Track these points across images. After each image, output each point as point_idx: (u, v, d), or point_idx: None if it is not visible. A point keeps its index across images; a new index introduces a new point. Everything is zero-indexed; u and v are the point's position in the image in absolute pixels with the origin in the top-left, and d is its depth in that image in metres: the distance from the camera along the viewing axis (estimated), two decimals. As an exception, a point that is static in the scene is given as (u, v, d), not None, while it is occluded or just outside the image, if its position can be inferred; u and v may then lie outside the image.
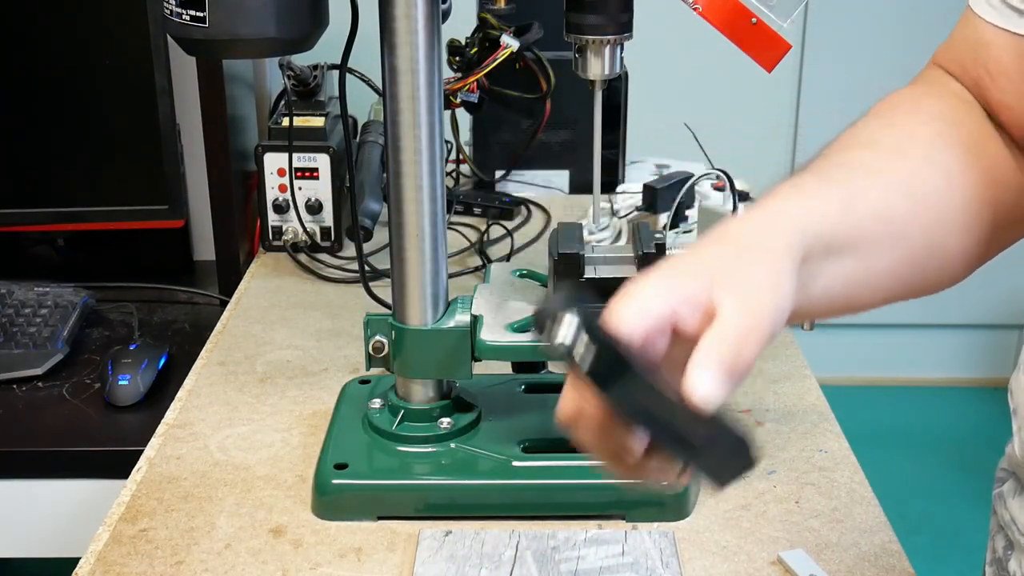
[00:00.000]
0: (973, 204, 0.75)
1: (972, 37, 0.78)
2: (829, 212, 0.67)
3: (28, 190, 1.49)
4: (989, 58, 0.77)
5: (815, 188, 0.69)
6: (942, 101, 0.79)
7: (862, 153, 0.74)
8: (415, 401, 1.03)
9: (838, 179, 0.70)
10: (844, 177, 0.71)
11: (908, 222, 0.72)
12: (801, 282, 0.64)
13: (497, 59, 1.60)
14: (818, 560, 0.92)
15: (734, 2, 0.99)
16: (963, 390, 3.17)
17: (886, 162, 0.73)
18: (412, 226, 0.97)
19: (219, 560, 0.93)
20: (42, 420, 1.24)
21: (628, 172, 1.77)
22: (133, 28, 1.40)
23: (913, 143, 0.75)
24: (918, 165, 0.74)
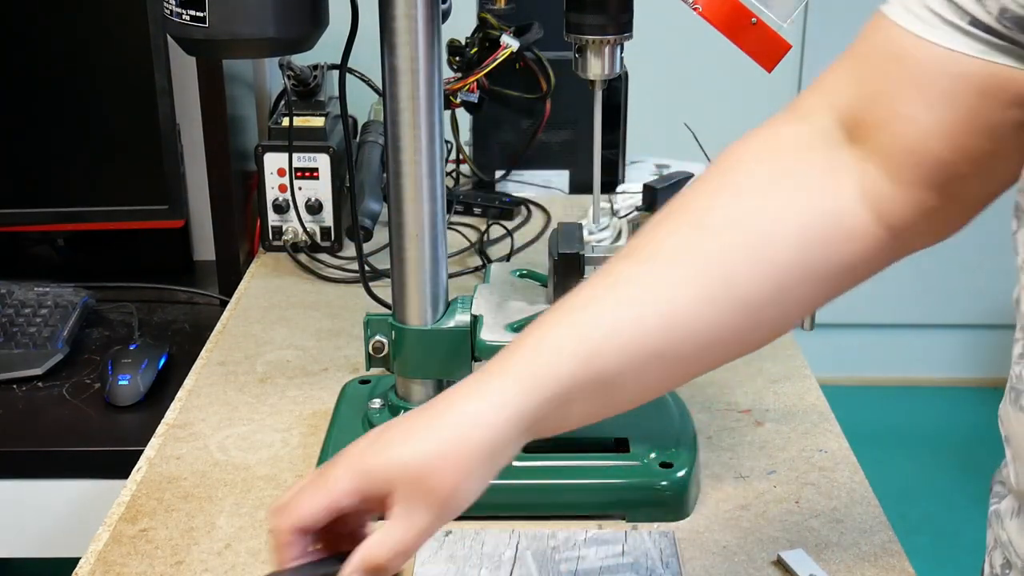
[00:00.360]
0: (789, 276, 0.71)
1: (885, 48, 0.71)
2: (572, 369, 0.67)
3: (28, 190, 1.49)
4: (902, 69, 0.70)
5: (562, 337, 0.68)
6: (779, 156, 0.74)
7: (645, 267, 0.71)
8: (415, 401, 1.03)
9: (598, 317, 0.69)
10: (607, 311, 0.69)
11: (684, 339, 0.70)
12: (548, 426, 0.68)
13: (497, 59, 1.60)
14: (818, 560, 0.92)
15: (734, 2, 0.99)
16: (963, 390, 3.17)
17: (670, 280, 0.70)
18: (412, 226, 0.97)
19: (219, 560, 0.93)
20: (42, 420, 1.24)
21: (628, 172, 1.77)
22: (133, 28, 1.40)
23: (719, 244, 0.71)
24: (719, 273, 0.70)
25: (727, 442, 1.10)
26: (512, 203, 1.68)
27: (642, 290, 0.70)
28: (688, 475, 0.98)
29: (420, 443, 0.66)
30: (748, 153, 0.76)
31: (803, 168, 0.73)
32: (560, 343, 0.68)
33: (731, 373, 1.23)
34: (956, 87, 0.68)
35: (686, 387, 1.20)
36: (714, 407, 1.16)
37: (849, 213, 0.72)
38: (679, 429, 1.04)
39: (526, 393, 0.67)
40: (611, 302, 0.69)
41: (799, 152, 0.74)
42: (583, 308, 0.69)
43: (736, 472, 1.05)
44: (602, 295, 0.70)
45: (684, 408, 1.08)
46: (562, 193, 1.77)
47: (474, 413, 0.67)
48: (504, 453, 0.68)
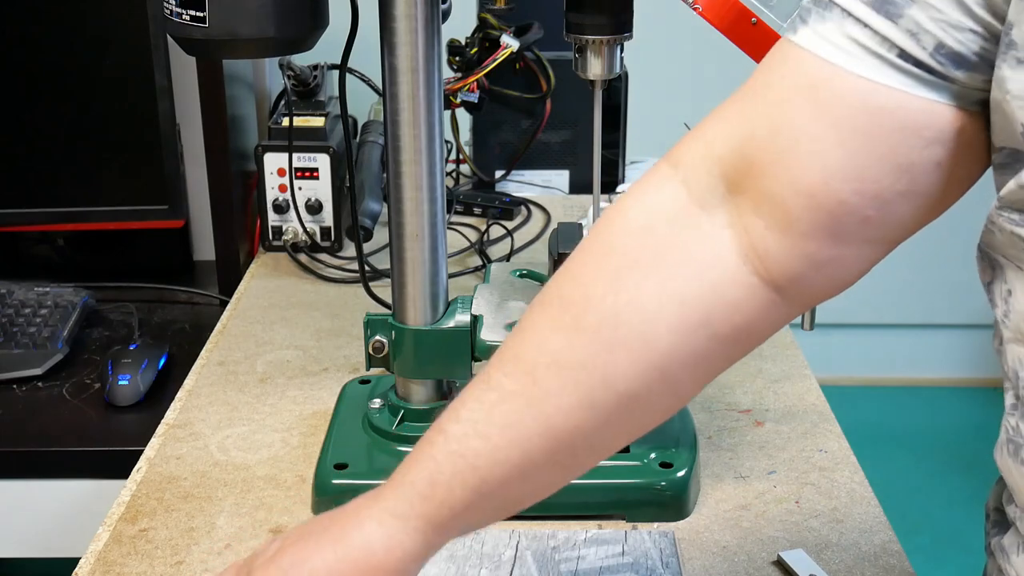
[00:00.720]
0: (661, 372, 0.69)
1: (791, 79, 0.65)
2: (465, 500, 0.69)
3: (28, 190, 1.49)
4: (811, 102, 0.64)
5: (452, 472, 0.69)
6: (645, 235, 0.70)
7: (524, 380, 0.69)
8: (415, 401, 1.03)
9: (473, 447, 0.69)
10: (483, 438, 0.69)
11: (574, 443, 0.70)
12: (443, 540, 0.71)
13: (497, 59, 1.60)
14: (818, 560, 0.92)
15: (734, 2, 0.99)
16: (963, 390, 3.17)
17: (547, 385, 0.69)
18: (412, 226, 0.97)
19: (219, 560, 0.93)
20: (42, 420, 1.24)
21: (628, 172, 1.77)
22: (133, 28, 1.40)
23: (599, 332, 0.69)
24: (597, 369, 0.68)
25: (727, 442, 1.10)
26: (512, 203, 1.68)
27: (525, 406, 0.69)
28: (688, 475, 0.98)
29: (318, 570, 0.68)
30: (623, 229, 0.71)
31: (679, 242, 0.69)
32: (450, 480, 0.68)
33: (731, 373, 1.23)
34: (875, 121, 0.63)
35: (686, 387, 1.20)
36: (714, 407, 1.16)
37: (731, 282, 0.68)
38: (679, 429, 1.04)
39: (419, 536, 0.69)
40: (496, 426, 0.69)
41: (674, 224, 0.69)
42: (465, 437, 0.69)
43: (736, 472, 1.05)
44: (485, 418, 0.69)
45: (684, 408, 1.08)
46: (562, 193, 1.77)
47: (369, 557, 0.68)
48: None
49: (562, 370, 0.69)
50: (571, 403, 0.68)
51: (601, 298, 0.69)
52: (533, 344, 0.70)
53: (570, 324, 0.69)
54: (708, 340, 0.69)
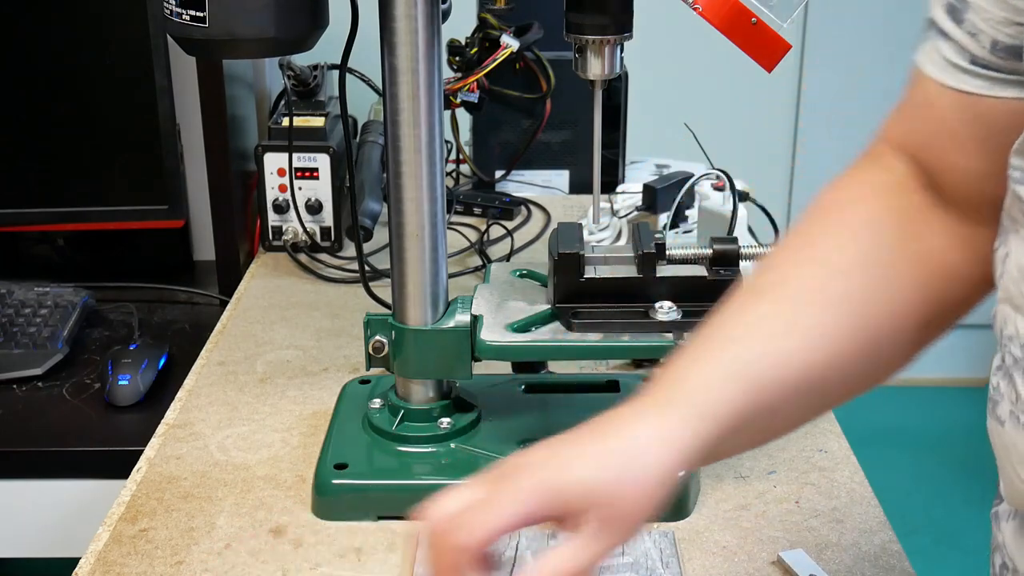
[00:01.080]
0: (906, 314, 0.73)
1: (920, 97, 0.74)
2: (737, 406, 0.68)
3: (28, 190, 1.49)
4: (933, 117, 0.73)
5: (725, 373, 0.69)
6: (876, 198, 0.76)
7: (786, 306, 0.72)
8: (415, 401, 1.03)
9: (750, 347, 0.70)
10: (759, 341, 0.71)
11: (826, 375, 0.72)
12: (709, 459, 0.70)
13: (497, 59, 1.60)
14: (818, 560, 0.92)
15: (734, 2, 0.99)
16: (963, 390, 3.16)
17: (812, 305, 0.72)
18: (412, 226, 0.97)
19: (219, 560, 0.93)
20: (42, 420, 1.24)
21: (628, 172, 1.77)
22: (133, 28, 1.40)
23: (841, 265, 0.73)
24: (843, 297, 0.72)
25: (727, 442, 1.10)
26: (512, 203, 1.68)
27: (785, 327, 0.71)
28: (688, 475, 0.98)
29: (611, 469, 0.66)
30: (847, 196, 0.77)
31: (901, 209, 0.75)
32: (724, 380, 0.69)
33: (731, 373, 1.23)
34: (979, 130, 0.69)
35: (686, 387, 1.20)
36: (714, 407, 1.16)
37: (947, 251, 0.74)
38: (679, 429, 1.04)
39: (694, 432, 0.68)
40: (760, 338, 0.70)
41: (891, 196, 0.75)
42: (736, 342, 0.70)
43: (736, 472, 1.05)
44: (749, 332, 0.71)
45: (684, 408, 1.08)
46: (562, 193, 1.77)
47: (649, 445, 0.67)
48: (671, 485, 0.68)
49: (817, 301, 0.72)
50: (829, 332, 0.71)
51: (844, 246, 0.74)
52: (783, 280, 0.73)
53: (819, 262, 0.73)
54: (933, 303, 0.74)
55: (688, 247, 0.98)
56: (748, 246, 0.99)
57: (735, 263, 0.97)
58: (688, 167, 1.61)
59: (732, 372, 0.69)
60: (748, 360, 0.69)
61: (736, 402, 0.68)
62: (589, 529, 0.65)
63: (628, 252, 1.00)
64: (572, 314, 0.96)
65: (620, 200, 1.54)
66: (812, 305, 0.72)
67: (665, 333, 0.95)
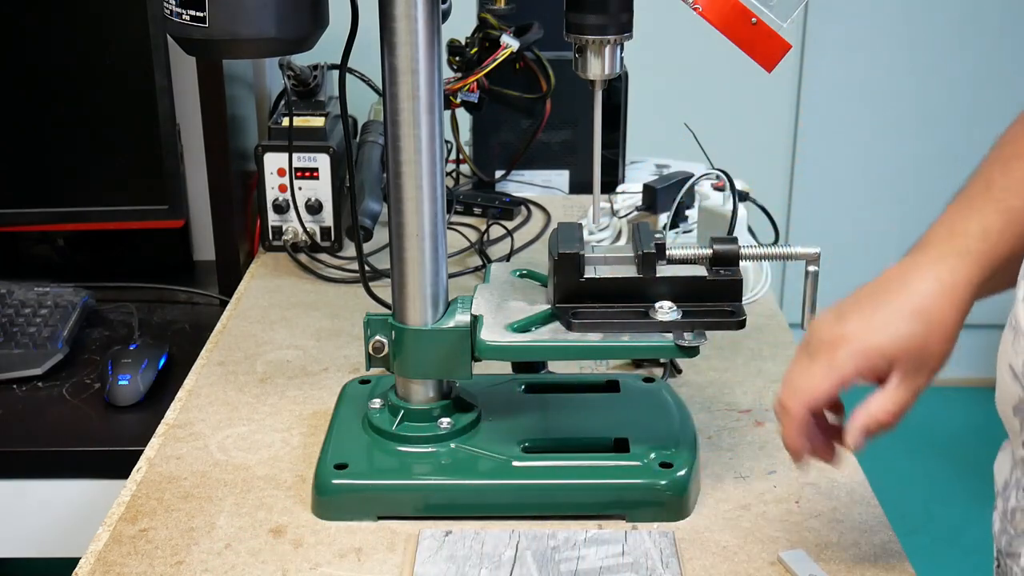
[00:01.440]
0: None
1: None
2: (1008, 252, 0.81)
3: (28, 190, 1.49)
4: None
5: (997, 223, 0.81)
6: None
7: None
8: (415, 401, 1.03)
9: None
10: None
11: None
12: (979, 296, 0.83)
13: (497, 59, 1.60)
14: (818, 560, 0.92)
15: (734, 2, 0.99)
16: (963, 390, 3.16)
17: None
18: (412, 226, 0.97)
19: (219, 560, 0.93)
20: (42, 420, 1.24)
21: (628, 172, 1.77)
22: (133, 28, 1.40)
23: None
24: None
25: (727, 442, 1.10)
26: (512, 203, 1.68)
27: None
28: (688, 475, 0.98)
29: (916, 319, 0.80)
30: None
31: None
32: (1000, 231, 0.80)
33: (731, 373, 1.23)
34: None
35: (686, 387, 1.20)
36: (714, 407, 1.16)
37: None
38: (679, 429, 1.04)
39: (980, 270, 0.81)
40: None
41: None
42: (1006, 200, 0.81)
43: (736, 472, 1.05)
44: (1018, 187, 0.81)
45: (684, 408, 1.08)
46: (562, 193, 1.77)
47: (941, 298, 0.80)
48: (966, 314, 0.82)
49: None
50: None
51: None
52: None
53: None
54: None
55: (688, 247, 0.98)
56: (748, 246, 0.99)
57: (735, 263, 0.97)
58: (688, 167, 1.61)
59: (1007, 221, 0.80)
60: (1014, 215, 0.80)
61: (1011, 250, 0.80)
62: (896, 380, 0.81)
63: (628, 252, 1.00)
64: (572, 314, 0.96)
65: (620, 200, 1.54)
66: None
67: (665, 333, 0.95)
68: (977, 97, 2.85)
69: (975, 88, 2.86)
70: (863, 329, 0.81)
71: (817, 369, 0.82)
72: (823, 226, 2.89)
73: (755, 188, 1.54)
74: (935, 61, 2.84)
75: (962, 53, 2.84)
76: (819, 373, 0.81)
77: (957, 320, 0.81)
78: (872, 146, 2.92)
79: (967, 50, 2.84)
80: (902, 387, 0.81)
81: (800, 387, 0.82)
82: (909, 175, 2.92)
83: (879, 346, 0.80)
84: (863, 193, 2.93)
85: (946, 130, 2.87)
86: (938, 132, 2.88)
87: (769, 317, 1.36)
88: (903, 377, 0.81)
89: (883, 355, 0.80)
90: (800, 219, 2.96)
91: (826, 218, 2.93)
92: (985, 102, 2.83)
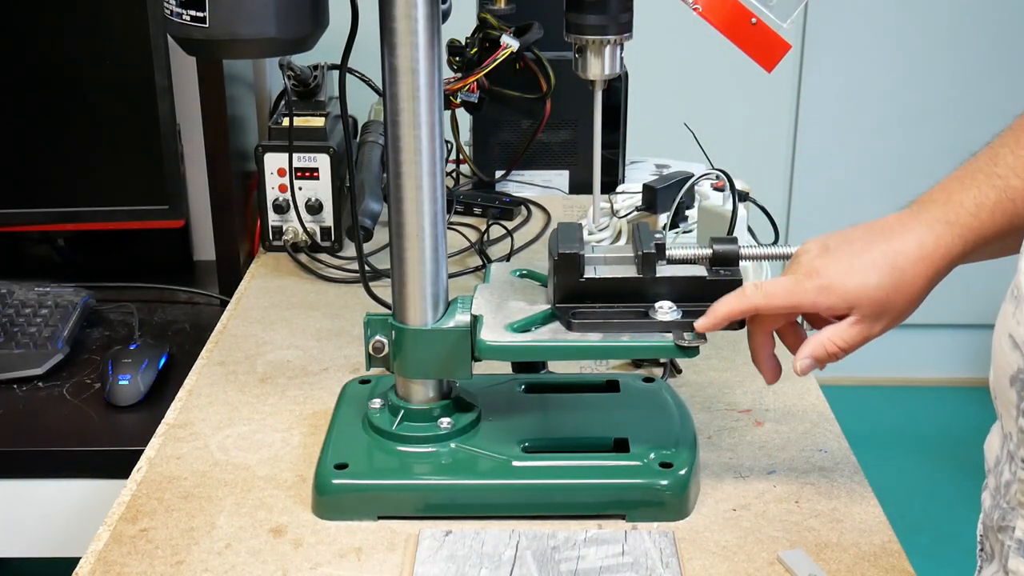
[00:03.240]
0: None
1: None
2: (996, 227, 0.83)
3: (28, 190, 1.49)
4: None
5: (988, 199, 0.84)
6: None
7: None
8: (415, 401, 1.03)
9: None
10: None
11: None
12: (966, 261, 0.87)
13: (497, 59, 1.60)
14: (818, 560, 0.92)
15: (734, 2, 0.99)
16: (963, 390, 3.16)
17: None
18: (412, 226, 0.97)
19: (219, 560, 0.93)
20: (42, 420, 1.24)
21: (628, 172, 1.77)
22: (133, 28, 1.40)
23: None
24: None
25: (727, 442, 1.10)
26: (512, 203, 1.68)
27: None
28: (688, 475, 0.98)
29: (886, 274, 0.85)
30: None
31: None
32: (992, 209, 0.83)
33: (731, 373, 1.23)
34: None
35: (686, 387, 1.20)
36: (714, 407, 1.16)
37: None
38: (679, 429, 1.04)
39: (962, 243, 0.84)
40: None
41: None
42: (1007, 177, 0.83)
43: (736, 472, 1.05)
44: (1014, 175, 0.83)
45: (684, 408, 1.08)
46: (562, 193, 1.77)
47: (918, 260, 0.85)
48: (937, 282, 0.86)
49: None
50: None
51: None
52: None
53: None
54: None
55: (688, 247, 0.98)
56: (748, 246, 0.99)
57: (735, 263, 0.97)
58: (688, 167, 1.61)
59: (1003, 200, 0.82)
60: (1009, 191, 0.82)
61: (1001, 228, 0.83)
62: (852, 319, 0.87)
63: (628, 252, 1.00)
64: (572, 314, 0.96)
65: (620, 200, 1.54)
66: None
67: (665, 333, 0.95)
68: (976, 97, 2.85)
69: (974, 88, 2.86)
70: (836, 270, 0.87)
71: (785, 286, 0.89)
72: (823, 226, 2.89)
73: (755, 188, 1.54)
74: (934, 61, 2.84)
75: (961, 53, 2.84)
76: (784, 290, 0.89)
77: (926, 285, 0.86)
78: (872, 146, 2.92)
79: (966, 50, 2.84)
80: (856, 328, 0.88)
81: (767, 291, 0.90)
82: (909, 175, 2.92)
83: (844, 289, 0.86)
84: (863, 193, 2.93)
85: (945, 130, 2.87)
86: (937, 132, 2.88)
87: (769, 317, 1.36)
88: (859, 320, 0.88)
89: (844, 298, 0.87)
90: (800, 219, 2.96)
91: (826, 218, 2.93)
92: (984, 102, 2.83)
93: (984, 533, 0.78)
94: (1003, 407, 0.76)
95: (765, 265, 1.40)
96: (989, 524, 0.77)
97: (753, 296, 0.90)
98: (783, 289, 0.89)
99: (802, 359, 0.91)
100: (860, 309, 0.87)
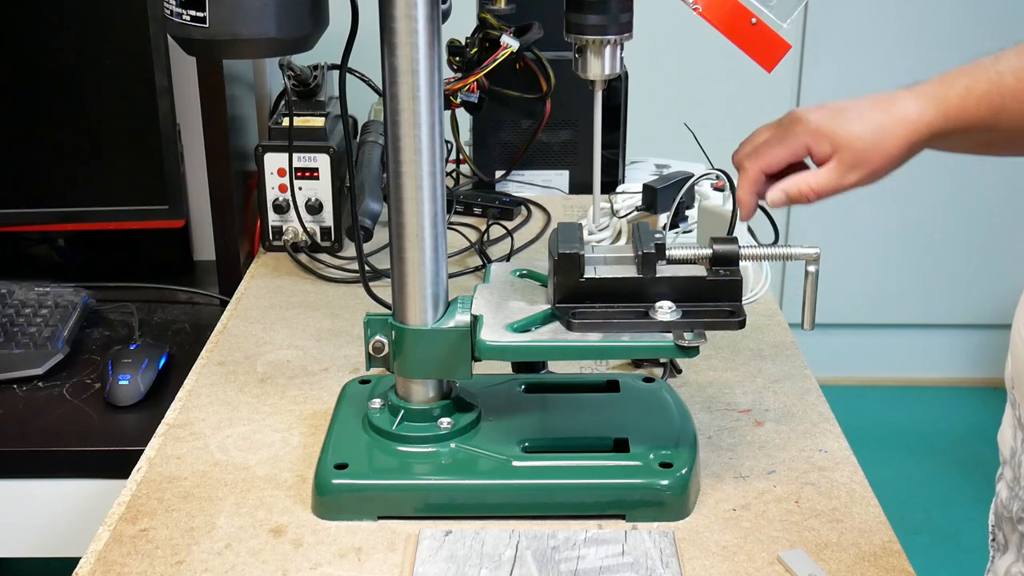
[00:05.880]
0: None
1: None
2: (981, 116, 0.88)
3: (28, 190, 1.49)
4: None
5: (981, 89, 0.88)
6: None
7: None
8: (415, 401, 1.03)
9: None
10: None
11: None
12: (945, 145, 0.93)
13: (497, 59, 1.60)
14: (818, 560, 0.92)
15: (734, 2, 0.99)
16: (963, 390, 3.16)
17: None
18: (412, 226, 0.97)
19: (219, 560, 0.93)
20: (42, 420, 1.24)
21: (628, 172, 1.77)
22: (133, 28, 1.40)
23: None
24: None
25: (727, 442, 1.10)
26: (512, 203, 1.68)
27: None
28: (688, 475, 0.98)
29: (869, 126, 0.90)
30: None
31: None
32: (979, 100, 0.88)
33: (731, 373, 1.23)
34: None
35: (686, 387, 1.20)
36: (714, 407, 1.16)
37: None
38: (679, 429, 1.04)
39: (943, 119, 0.89)
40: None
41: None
42: (1002, 74, 0.87)
43: (736, 472, 1.05)
44: (1010, 73, 0.87)
45: (684, 408, 1.09)
46: (562, 193, 1.77)
47: (904, 124, 0.90)
48: (914, 151, 0.92)
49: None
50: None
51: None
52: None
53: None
54: None
55: (688, 247, 0.98)
56: (748, 246, 0.99)
57: (735, 263, 0.97)
58: (688, 167, 1.61)
59: (992, 92, 0.87)
60: (1003, 89, 0.86)
61: (982, 117, 0.88)
62: (831, 165, 0.92)
63: (628, 252, 1.00)
64: (572, 314, 0.96)
65: (620, 200, 1.54)
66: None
67: (665, 333, 0.95)
68: (977, 97, 2.85)
69: (975, 88, 2.85)
70: (825, 117, 0.92)
71: (776, 137, 0.94)
72: (823, 226, 2.89)
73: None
74: (934, 61, 2.83)
75: (961, 53, 2.82)
76: (776, 142, 0.94)
77: (901, 151, 0.91)
78: (872, 146, 2.92)
79: (966, 50, 2.82)
80: (831, 173, 0.92)
81: (760, 151, 0.94)
82: (908, 175, 2.91)
83: (831, 131, 0.92)
84: (863, 193, 2.92)
85: (946, 130, 2.87)
86: (938, 132, 2.88)
87: (769, 317, 1.36)
88: (836, 166, 0.92)
89: (831, 140, 0.91)
90: (800, 219, 2.96)
91: (826, 218, 2.93)
92: (985, 102, 2.83)
93: (996, 523, 0.78)
94: (1021, 396, 0.77)
95: (765, 265, 1.41)
96: (1005, 515, 0.77)
97: (751, 167, 0.96)
98: (776, 146, 0.95)
99: (776, 191, 0.95)
100: (840, 154, 0.91)
